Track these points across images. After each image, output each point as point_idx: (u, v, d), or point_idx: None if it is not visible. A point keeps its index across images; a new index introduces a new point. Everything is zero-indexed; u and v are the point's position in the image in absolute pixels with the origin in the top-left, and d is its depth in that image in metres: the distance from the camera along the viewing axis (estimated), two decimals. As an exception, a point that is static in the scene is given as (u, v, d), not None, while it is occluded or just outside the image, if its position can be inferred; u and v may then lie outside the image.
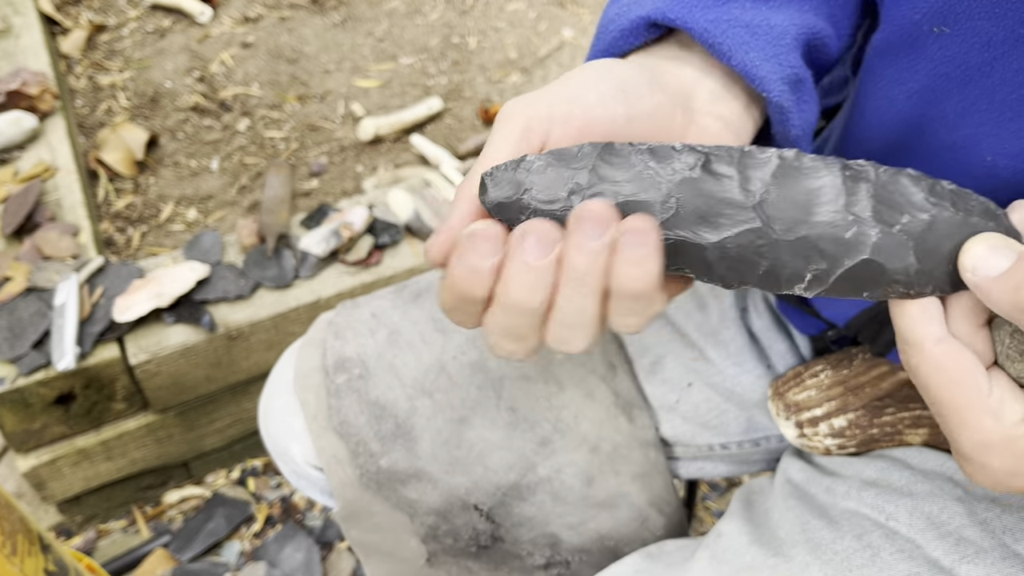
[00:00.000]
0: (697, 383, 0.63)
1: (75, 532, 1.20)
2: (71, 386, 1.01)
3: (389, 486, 0.59)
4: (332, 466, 0.60)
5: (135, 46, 1.79)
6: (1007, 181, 0.39)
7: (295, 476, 0.67)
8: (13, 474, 1.25)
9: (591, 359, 0.63)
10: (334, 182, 1.53)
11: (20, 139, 1.27)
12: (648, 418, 0.63)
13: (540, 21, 1.98)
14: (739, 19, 0.40)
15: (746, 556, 0.51)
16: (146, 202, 1.46)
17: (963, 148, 0.40)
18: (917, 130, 0.42)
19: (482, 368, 0.61)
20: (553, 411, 0.60)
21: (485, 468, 0.59)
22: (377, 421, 0.59)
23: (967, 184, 0.35)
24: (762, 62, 0.39)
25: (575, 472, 0.60)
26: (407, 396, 0.60)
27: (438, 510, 0.59)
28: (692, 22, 0.39)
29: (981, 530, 0.45)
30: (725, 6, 0.40)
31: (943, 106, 0.40)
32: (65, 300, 1.01)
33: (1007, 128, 0.38)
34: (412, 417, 0.60)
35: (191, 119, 1.63)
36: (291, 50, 1.81)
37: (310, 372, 0.63)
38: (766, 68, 0.39)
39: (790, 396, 0.54)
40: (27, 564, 0.70)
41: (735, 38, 0.39)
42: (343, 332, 0.64)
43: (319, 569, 1.14)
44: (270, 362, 1.13)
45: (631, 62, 0.40)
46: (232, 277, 1.09)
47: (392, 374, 0.61)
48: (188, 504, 1.23)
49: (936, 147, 0.41)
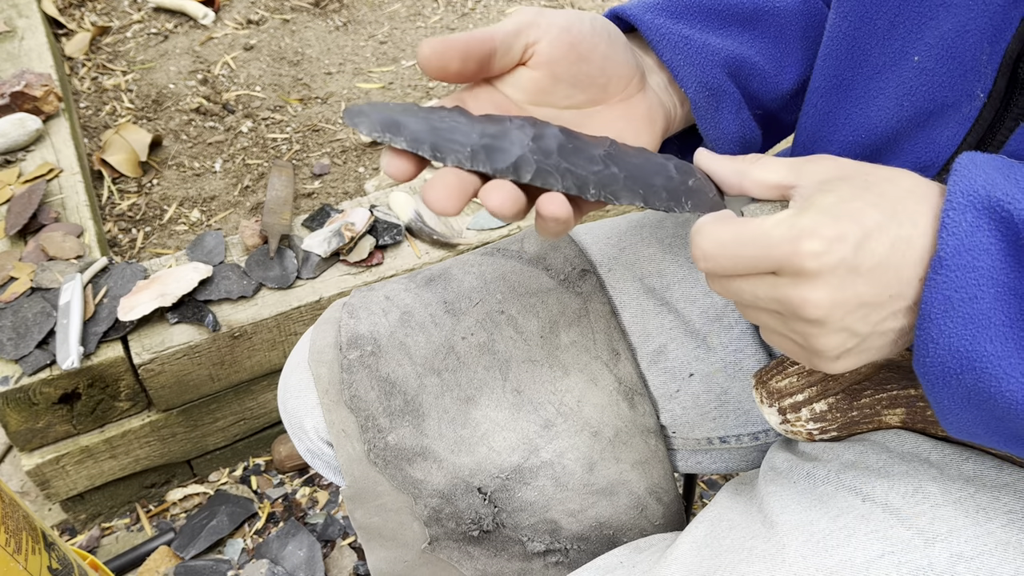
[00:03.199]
0: (699, 374, 0.64)
1: (79, 530, 1.21)
2: (75, 385, 1.02)
3: (395, 464, 0.61)
4: (341, 440, 0.62)
5: (139, 48, 1.80)
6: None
7: (309, 454, 0.69)
8: (17, 472, 1.26)
9: (595, 345, 0.64)
10: (336, 183, 1.54)
11: (24, 140, 1.28)
12: (649, 405, 0.64)
13: (541, 23, 1.99)
14: (682, 33, 0.51)
15: (726, 540, 0.52)
16: (150, 203, 1.47)
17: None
18: (858, 50, 0.51)
19: (490, 350, 0.63)
20: (557, 395, 0.62)
21: (489, 448, 0.60)
22: (387, 397, 0.61)
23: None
24: (686, 66, 0.51)
25: (576, 457, 0.61)
26: (416, 374, 0.62)
27: (442, 492, 0.60)
28: (643, 23, 0.51)
29: (955, 509, 0.46)
30: (677, 22, 0.52)
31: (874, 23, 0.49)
32: (69, 300, 1.02)
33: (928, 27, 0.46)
34: (420, 395, 0.61)
35: (194, 121, 1.64)
36: (293, 52, 1.82)
37: (324, 348, 0.65)
38: (687, 71, 0.51)
39: (772, 384, 0.56)
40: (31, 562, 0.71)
41: (670, 44, 0.51)
42: (357, 312, 0.66)
43: (321, 566, 1.14)
44: (273, 361, 1.14)
45: None
46: (235, 277, 1.10)
47: (403, 352, 0.63)
48: (191, 502, 1.24)
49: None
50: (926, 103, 0.47)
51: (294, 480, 1.27)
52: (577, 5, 2.04)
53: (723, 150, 0.55)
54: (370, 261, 1.13)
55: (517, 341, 0.64)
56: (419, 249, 1.16)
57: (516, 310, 0.65)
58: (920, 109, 0.48)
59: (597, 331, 0.65)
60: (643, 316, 0.66)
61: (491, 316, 0.65)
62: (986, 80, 0.44)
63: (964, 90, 0.45)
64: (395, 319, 0.65)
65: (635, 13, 0.52)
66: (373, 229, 1.16)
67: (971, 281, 0.36)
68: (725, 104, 0.54)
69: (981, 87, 0.44)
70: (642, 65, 0.51)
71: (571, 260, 0.69)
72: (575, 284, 0.67)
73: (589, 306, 0.66)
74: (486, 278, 0.68)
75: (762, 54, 0.55)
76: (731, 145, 0.55)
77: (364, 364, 0.62)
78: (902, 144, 0.50)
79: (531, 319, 0.65)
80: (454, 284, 0.67)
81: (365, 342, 0.64)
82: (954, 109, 0.46)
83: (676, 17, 0.53)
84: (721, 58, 0.53)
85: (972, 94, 0.45)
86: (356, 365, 0.63)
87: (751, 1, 0.55)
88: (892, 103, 0.49)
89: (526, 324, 0.65)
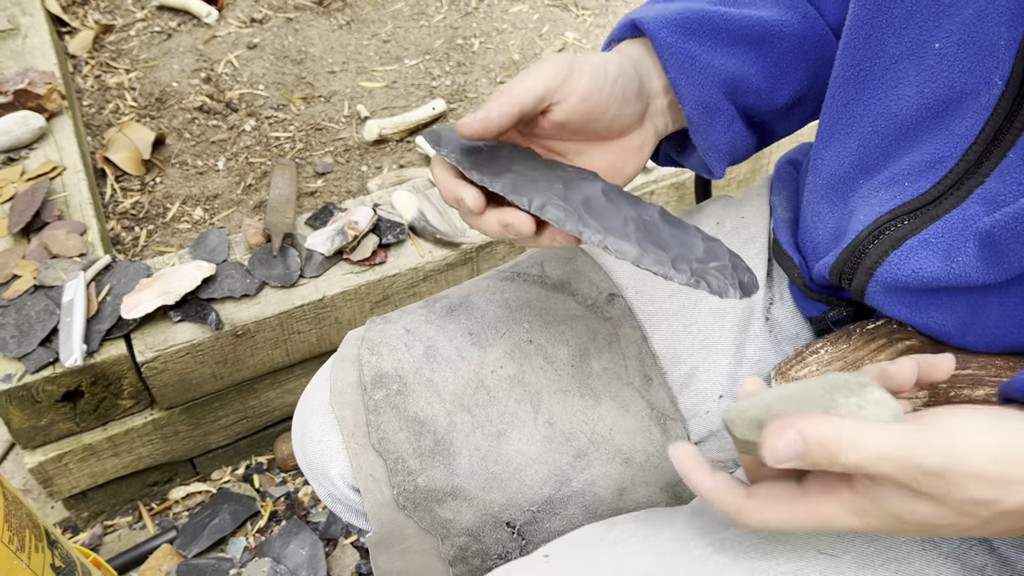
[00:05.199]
0: (727, 395, 0.64)
1: (81, 528, 1.21)
2: (78, 383, 1.02)
3: (424, 506, 0.59)
4: (369, 485, 0.60)
5: (142, 46, 1.80)
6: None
7: (331, 499, 0.66)
8: (20, 470, 1.26)
9: (627, 371, 0.63)
10: (339, 182, 1.54)
11: (27, 138, 1.28)
12: (682, 428, 0.63)
13: (543, 23, 1.98)
14: (690, 52, 0.55)
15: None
16: (153, 201, 1.47)
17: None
18: (875, 40, 0.52)
19: (520, 382, 0.61)
20: (589, 424, 0.61)
21: (521, 483, 0.59)
22: (416, 437, 0.59)
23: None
24: (687, 85, 0.55)
25: (608, 484, 0.60)
26: (446, 411, 0.60)
27: (470, 530, 0.59)
28: (658, 40, 0.55)
29: None
30: (689, 39, 0.55)
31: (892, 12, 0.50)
32: (72, 298, 1.02)
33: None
34: (451, 432, 0.59)
35: (197, 119, 1.64)
36: (297, 51, 1.82)
37: (346, 389, 0.62)
38: (687, 90, 0.55)
39: (792, 373, 0.56)
40: (34, 559, 0.71)
41: (677, 63, 0.55)
42: (378, 348, 0.63)
43: (323, 565, 1.14)
44: (276, 360, 1.14)
45: (631, 61, 0.55)
46: (238, 276, 1.10)
47: (431, 389, 0.61)
48: (193, 500, 1.24)
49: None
50: (946, 91, 0.48)
51: (296, 479, 1.27)
52: (581, 5, 2.04)
53: (714, 158, 0.59)
54: (373, 260, 1.13)
55: (548, 371, 0.62)
56: (422, 248, 1.16)
57: (545, 339, 0.64)
58: (940, 97, 0.48)
59: (628, 356, 0.64)
60: (674, 338, 0.65)
61: (519, 346, 0.63)
62: (1004, 67, 0.44)
63: (983, 77, 0.46)
64: (419, 354, 0.62)
65: (652, 28, 0.55)
66: (376, 228, 1.16)
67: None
68: (719, 119, 0.57)
69: (999, 74, 0.45)
70: (647, 96, 0.56)
71: (597, 284, 0.67)
72: (603, 309, 0.66)
73: (619, 331, 0.65)
74: (511, 306, 0.66)
75: (761, 73, 0.58)
76: (722, 153, 0.59)
77: (391, 404, 0.60)
78: (921, 134, 0.50)
79: (560, 347, 0.63)
80: (477, 313, 0.65)
81: (390, 380, 0.61)
82: (972, 98, 0.46)
83: (689, 33, 0.55)
84: (721, 79, 0.56)
85: (991, 82, 0.45)
86: (383, 405, 0.60)
87: (760, 24, 0.57)
88: (913, 91, 0.50)
89: (556, 353, 0.63)
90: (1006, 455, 0.35)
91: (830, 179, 0.57)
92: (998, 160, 0.46)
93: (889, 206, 0.51)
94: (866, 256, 0.52)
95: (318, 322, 1.13)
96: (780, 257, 0.64)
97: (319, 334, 1.14)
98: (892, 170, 0.52)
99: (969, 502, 0.36)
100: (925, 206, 0.50)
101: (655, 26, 0.55)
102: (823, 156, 0.58)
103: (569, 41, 1.93)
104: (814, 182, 0.59)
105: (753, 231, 0.68)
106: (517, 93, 0.49)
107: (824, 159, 0.58)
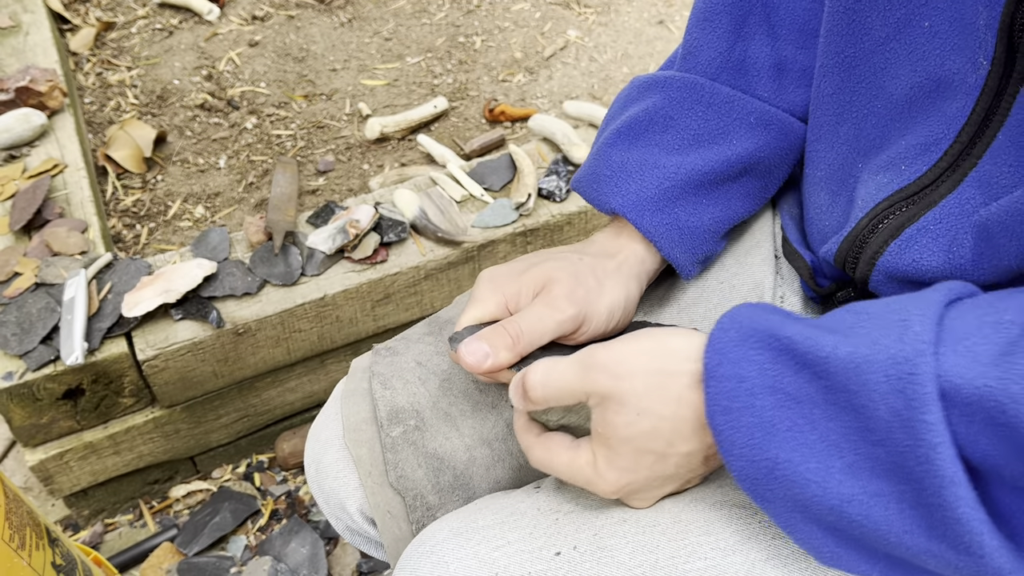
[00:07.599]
0: None
1: (82, 526, 1.21)
2: (79, 381, 1.02)
3: None
4: (387, 522, 0.59)
5: (143, 44, 1.80)
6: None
7: (349, 532, 0.65)
8: (21, 468, 1.26)
9: None
10: (340, 180, 1.54)
11: (29, 136, 1.28)
12: None
13: (545, 21, 1.98)
14: (676, 221, 0.58)
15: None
16: (154, 199, 1.47)
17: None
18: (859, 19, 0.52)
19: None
20: None
21: None
22: (435, 474, 0.58)
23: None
24: (681, 253, 0.59)
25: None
26: (465, 446, 0.59)
27: None
28: (642, 224, 0.58)
29: None
30: (672, 211, 0.58)
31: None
32: (74, 295, 1.02)
33: None
34: (471, 468, 0.58)
35: (199, 117, 1.64)
36: (298, 49, 1.82)
37: (360, 425, 0.61)
38: (684, 257, 0.59)
39: None
40: (35, 557, 0.71)
41: (667, 237, 0.58)
42: (390, 382, 0.62)
43: (324, 563, 1.14)
44: (277, 358, 1.14)
45: (634, 274, 0.59)
46: (239, 274, 1.10)
47: (449, 423, 0.59)
48: (194, 498, 1.24)
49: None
50: (937, 68, 0.48)
51: (297, 477, 1.27)
52: (583, 2, 2.04)
53: (694, 271, 0.63)
54: (375, 258, 1.13)
55: None
56: (424, 247, 1.16)
57: None
58: (932, 75, 0.48)
59: None
60: None
61: None
62: (987, 47, 0.45)
63: (970, 57, 0.46)
64: (435, 388, 0.61)
65: (634, 218, 0.58)
66: (378, 226, 1.16)
67: (744, 390, 0.40)
68: (711, 251, 0.62)
69: (983, 54, 0.45)
70: (648, 279, 0.61)
71: None
72: None
73: None
74: None
75: (749, 197, 0.62)
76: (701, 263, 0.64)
77: (408, 440, 0.59)
78: (915, 115, 0.50)
79: None
80: None
81: (407, 416, 0.60)
82: (961, 78, 0.47)
83: (671, 202, 0.58)
84: (713, 232, 0.60)
85: (976, 62, 0.46)
86: (400, 443, 0.59)
87: (737, 160, 0.59)
88: (906, 70, 0.50)
89: None
90: (612, 355, 0.45)
91: (828, 169, 0.57)
92: (989, 141, 0.46)
93: (887, 191, 0.51)
94: (867, 246, 0.52)
95: (319, 320, 1.12)
96: (791, 256, 0.63)
97: (320, 332, 1.14)
98: (889, 153, 0.52)
99: (612, 400, 0.45)
100: (922, 190, 0.50)
101: (637, 214, 0.58)
102: (816, 148, 0.58)
103: (571, 39, 1.92)
104: (812, 174, 0.60)
105: (758, 236, 0.68)
106: (530, 338, 0.53)
107: (818, 151, 0.58)
